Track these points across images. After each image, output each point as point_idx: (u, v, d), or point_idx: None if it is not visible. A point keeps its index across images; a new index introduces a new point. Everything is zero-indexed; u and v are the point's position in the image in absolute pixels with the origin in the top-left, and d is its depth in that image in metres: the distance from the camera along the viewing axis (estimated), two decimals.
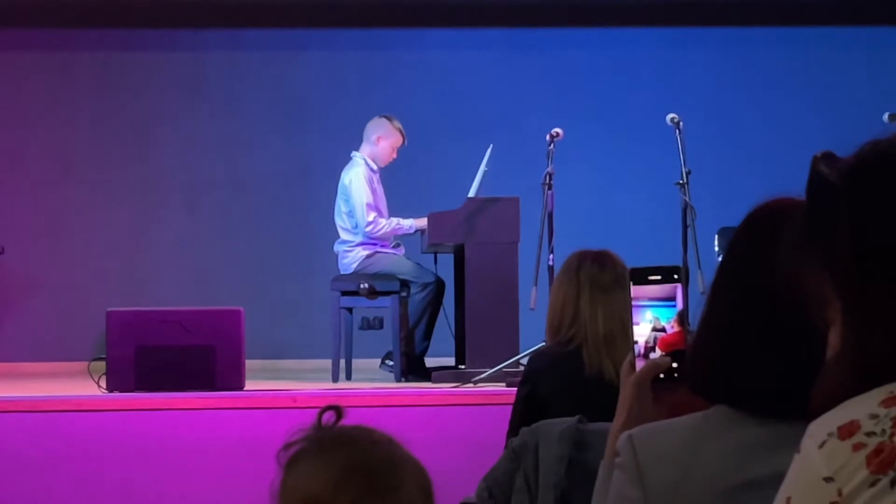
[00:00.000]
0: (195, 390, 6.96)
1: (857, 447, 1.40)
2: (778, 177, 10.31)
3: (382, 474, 1.66)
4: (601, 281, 4.14)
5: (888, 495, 1.38)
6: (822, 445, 1.42)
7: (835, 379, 1.48)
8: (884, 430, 1.40)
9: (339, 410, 1.76)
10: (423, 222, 8.11)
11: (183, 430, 6.48)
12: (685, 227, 7.47)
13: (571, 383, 4.09)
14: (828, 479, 1.41)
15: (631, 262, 4.22)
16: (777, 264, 1.67)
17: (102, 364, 7.27)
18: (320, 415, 1.75)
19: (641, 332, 2.12)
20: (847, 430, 1.42)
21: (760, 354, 1.90)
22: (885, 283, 1.46)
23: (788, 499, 1.43)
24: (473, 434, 6.15)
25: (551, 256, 7.38)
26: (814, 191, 1.56)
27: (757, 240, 1.97)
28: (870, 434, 1.41)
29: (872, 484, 1.39)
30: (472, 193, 8.01)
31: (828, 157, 1.56)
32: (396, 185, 8.70)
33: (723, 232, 8.11)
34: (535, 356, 4.53)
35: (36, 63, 10.28)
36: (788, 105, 10.38)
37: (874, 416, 1.41)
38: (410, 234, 8.33)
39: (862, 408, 1.43)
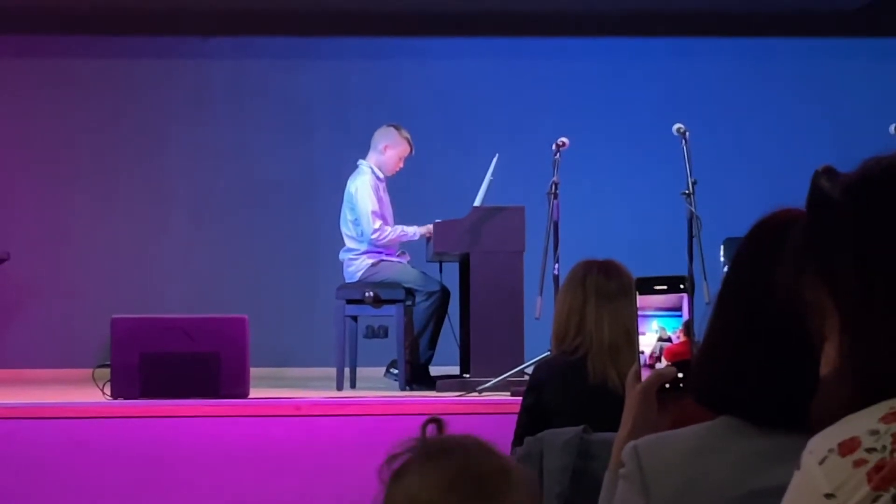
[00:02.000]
0: (199, 398, 6.96)
1: (858, 463, 1.40)
2: (784, 188, 10.28)
3: (491, 478, 1.65)
4: (607, 290, 4.14)
5: None
6: (822, 462, 1.42)
7: (834, 394, 1.48)
8: (884, 447, 1.40)
9: (440, 423, 1.75)
10: (428, 230, 8.11)
11: (187, 437, 6.47)
12: (691, 237, 7.47)
13: (576, 393, 4.08)
14: (829, 496, 1.40)
15: (636, 271, 4.21)
16: (777, 277, 1.67)
17: (107, 371, 7.27)
18: (424, 427, 1.74)
19: (647, 341, 2.12)
20: (848, 447, 1.41)
21: (765, 366, 1.90)
22: (887, 299, 1.46)
23: None
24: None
25: (556, 266, 7.38)
26: (815, 206, 1.55)
27: (762, 251, 1.97)
28: (870, 450, 1.40)
29: (874, 500, 1.39)
30: (477, 202, 8.01)
31: (829, 172, 1.55)
32: (402, 193, 8.70)
33: (728, 242, 8.11)
34: (539, 365, 4.52)
35: (41, 70, 10.29)
36: (795, 116, 10.38)
37: (874, 433, 1.41)
38: (415, 242, 8.33)
39: (862, 424, 1.42)
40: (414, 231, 8.23)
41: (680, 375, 2.09)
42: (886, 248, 1.47)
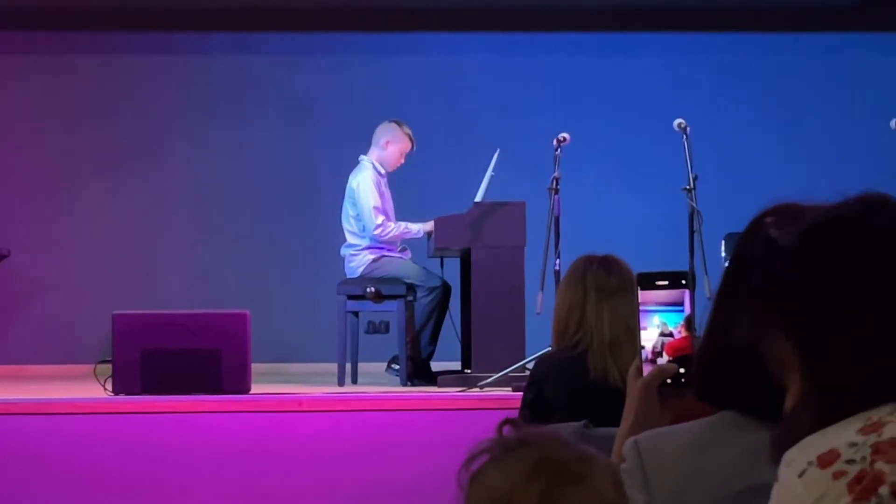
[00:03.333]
0: (201, 393, 6.97)
1: (838, 475, 1.43)
2: (784, 182, 10.24)
3: (572, 464, 1.64)
4: (607, 286, 4.14)
5: None
6: (802, 474, 1.44)
7: (800, 421, 1.52)
8: (864, 458, 1.43)
9: (516, 423, 1.75)
10: (430, 226, 8.11)
11: (189, 433, 6.48)
12: (692, 232, 7.46)
13: (577, 388, 4.08)
14: None
15: (637, 267, 4.21)
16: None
17: (108, 367, 7.27)
18: (500, 428, 1.74)
19: (649, 336, 2.12)
20: (826, 459, 1.44)
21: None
22: (841, 335, 1.51)
23: None
24: (479, 439, 6.14)
25: (558, 261, 7.38)
26: (766, 254, 1.64)
27: (761, 245, 1.97)
28: (850, 462, 1.43)
29: None
30: (478, 198, 8.01)
31: (777, 222, 1.66)
32: (403, 189, 8.70)
33: (729, 237, 8.11)
34: (540, 361, 4.52)
35: (42, 66, 10.29)
36: (795, 111, 10.38)
37: (853, 444, 1.44)
38: (418, 238, 8.33)
39: (841, 436, 1.46)
40: (418, 229, 8.22)
41: (681, 371, 2.09)
42: (839, 290, 1.53)
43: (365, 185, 8.18)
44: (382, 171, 8.32)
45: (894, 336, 1.51)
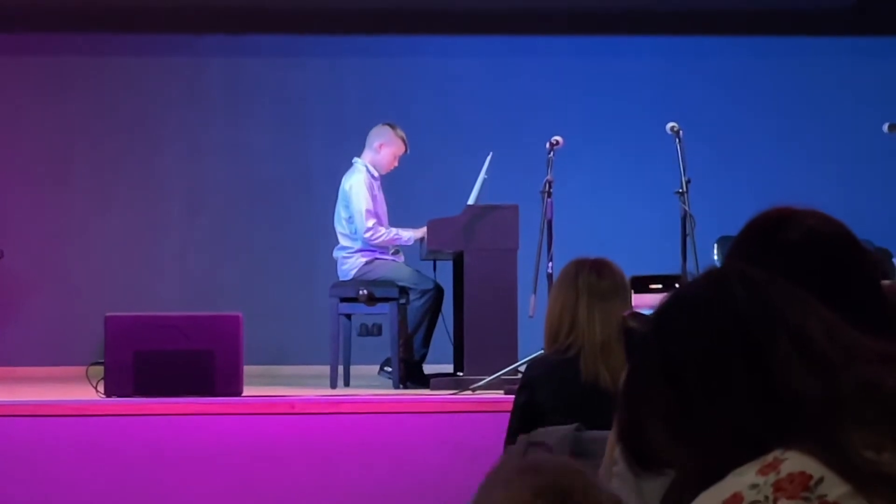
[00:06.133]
0: (193, 396, 6.96)
1: None
2: (777, 186, 10.25)
3: (574, 497, 1.67)
4: (599, 289, 4.14)
5: None
6: None
7: (686, 492, 1.59)
8: (766, 497, 1.49)
9: (638, 316, 1.82)
10: (421, 233, 8.11)
11: (181, 435, 6.47)
12: (684, 236, 7.47)
13: (569, 391, 4.09)
14: None
15: (630, 270, 4.23)
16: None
17: (101, 369, 7.27)
18: (524, 449, 1.79)
19: None
20: (731, 503, 1.50)
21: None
22: (704, 403, 1.58)
23: None
24: (471, 441, 6.15)
25: (550, 264, 7.38)
26: (630, 346, 1.73)
27: (755, 249, 1.97)
28: (754, 503, 1.49)
29: None
30: (471, 201, 8.01)
31: (634, 315, 1.78)
32: (396, 191, 8.70)
33: (722, 241, 8.12)
34: (532, 364, 4.53)
35: (35, 68, 10.28)
36: (788, 114, 10.38)
37: (754, 486, 1.50)
38: (408, 245, 8.33)
39: (741, 479, 1.51)
40: (409, 236, 8.22)
41: None
42: (690, 362, 1.60)
43: (357, 187, 8.18)
44: (376, 174, 8.33)
45: (748, 392, 1.56)
